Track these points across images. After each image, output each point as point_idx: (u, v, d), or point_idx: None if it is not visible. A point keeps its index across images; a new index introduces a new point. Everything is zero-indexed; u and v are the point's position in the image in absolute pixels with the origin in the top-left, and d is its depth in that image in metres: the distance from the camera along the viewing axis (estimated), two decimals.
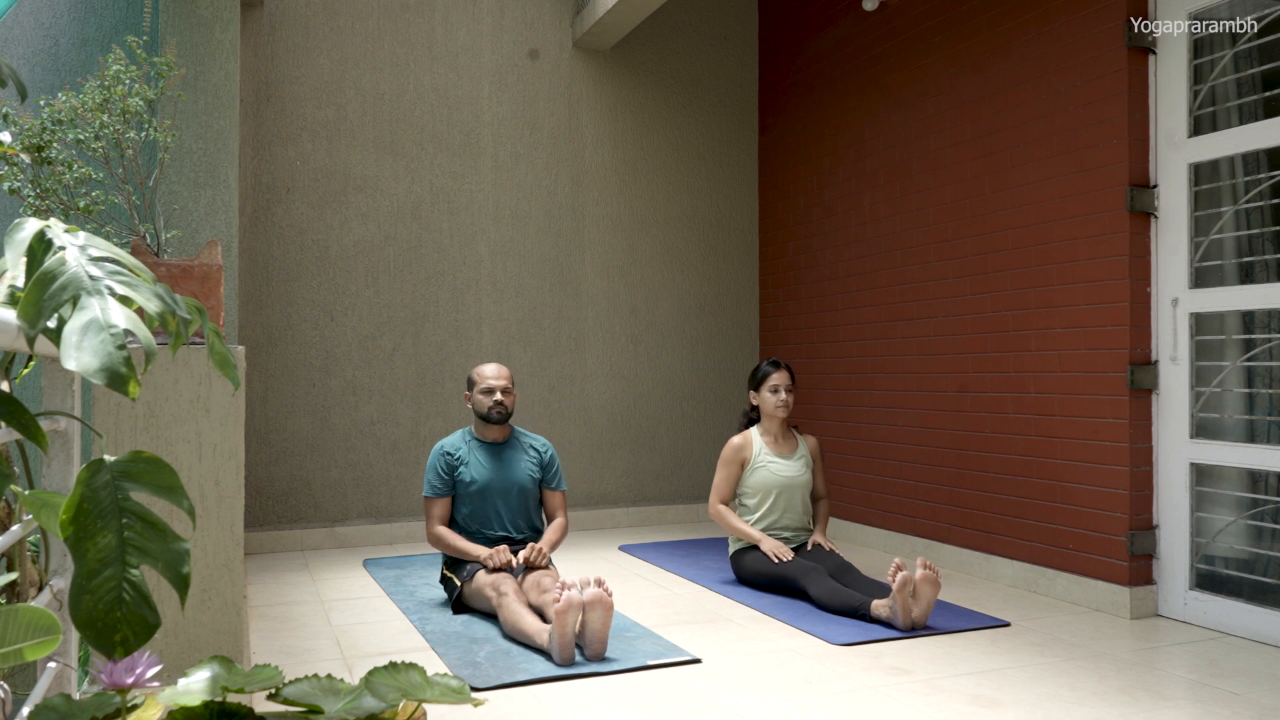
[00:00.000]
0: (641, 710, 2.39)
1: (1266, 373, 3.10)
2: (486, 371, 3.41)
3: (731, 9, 5.49)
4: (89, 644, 0.89)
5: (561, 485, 3.49)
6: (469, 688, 1.43)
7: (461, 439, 3.46)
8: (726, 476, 3.77)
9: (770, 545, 3.58)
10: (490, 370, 3.41)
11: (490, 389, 3.37)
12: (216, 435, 1.97)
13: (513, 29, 4.99)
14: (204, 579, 1.96)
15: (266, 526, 4.49)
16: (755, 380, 3.80)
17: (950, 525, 4.03)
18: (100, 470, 0.93)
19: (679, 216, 5.35)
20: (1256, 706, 2.42)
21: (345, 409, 4.63)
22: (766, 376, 3.76)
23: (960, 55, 4.01)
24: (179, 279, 2.11)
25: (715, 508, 3.76)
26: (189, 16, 3.16)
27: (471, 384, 3.43)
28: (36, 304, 0.87)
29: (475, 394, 3.41)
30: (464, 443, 3.44)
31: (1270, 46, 3.08)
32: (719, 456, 3.88)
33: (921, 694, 2.50)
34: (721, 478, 3.78)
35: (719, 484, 3.78)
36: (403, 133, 4.76)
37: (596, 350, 5.14)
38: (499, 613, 2.99)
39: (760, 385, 3.77)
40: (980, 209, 3.90)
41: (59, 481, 1.31)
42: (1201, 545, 3.21)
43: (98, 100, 2.23)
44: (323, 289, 4.61)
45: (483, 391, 3.38)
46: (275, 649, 2.91)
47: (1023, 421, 3.68)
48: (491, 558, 3.17)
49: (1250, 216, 3.15)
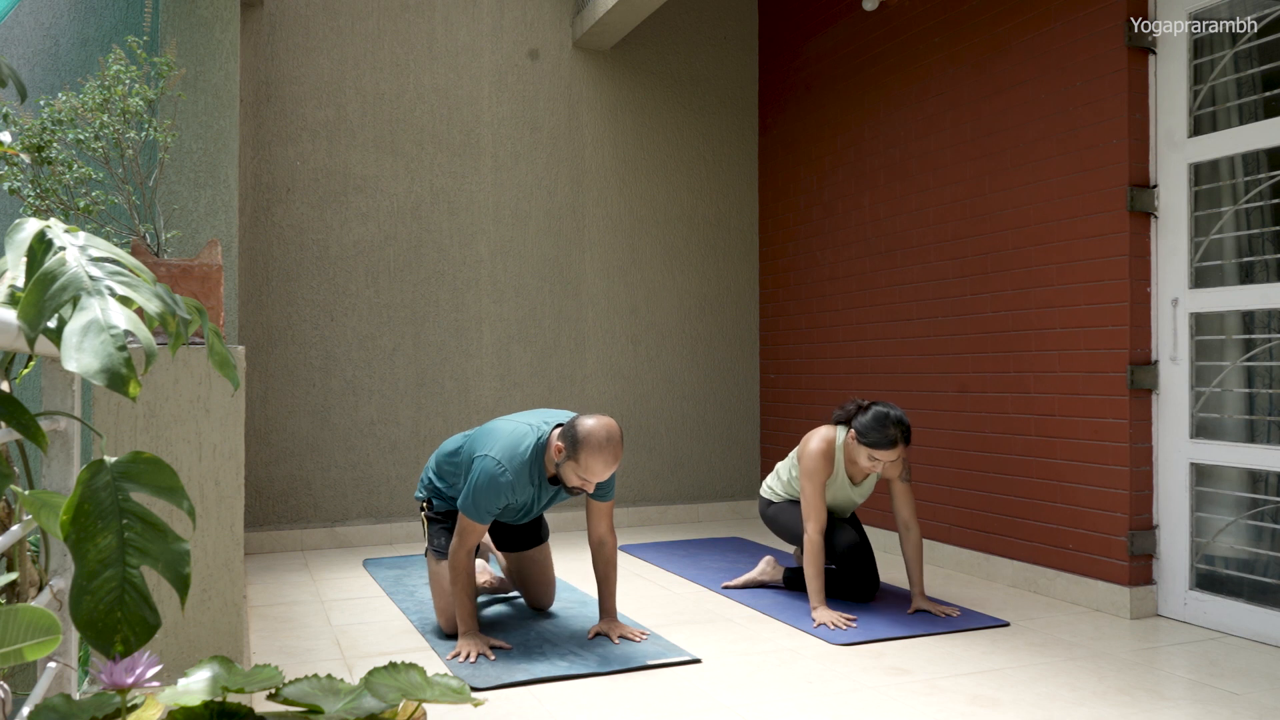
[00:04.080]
0: (641, 710, 2.39)
1: (1266, 373, 3.10)
2: (595, 467, 2.72)
3: (731, 9, 5.49)
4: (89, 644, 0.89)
5: (610, 495, 3.00)
6: (469, 688, 1.44)
7: (530, 479, 2.88)
8: (818, 492, 3.28)
9: (828, 617, 3.15)
10: (600, 467, 2.73)
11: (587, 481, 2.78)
12: (216, 435, 1.97)
13: (513, 29, 4.99)
14: (204, 579, 1.96)
15: (266, 526, 4.49)
16: (865, 433, 3.18)
17: (950, 525, 4.03)
18: (100, 471, 0.93)
19: (679, 216, 5.35)
20: (1256, 706, 2.42)
21: (345, 409, 4.63)
22: (877, 446, 3.16)
23: (960, 55, 4.01)
24: (179, 279, 2.11)
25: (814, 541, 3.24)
26: (189, 16, 3.16)
27: (575, 450, 2.74)
28: (37, 304, 0.87)
29: (572, 464, 2.75)
30: (532, 484, 2.90)
31: (1270, 46, 3.08)
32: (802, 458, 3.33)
33: (921, 694, 2.51)
34: (816, 497, 3.28)
35: (816, 506, 3.27)
36: (403, 133, 4.76)
37: (596, 350, 5.14)
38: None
39: (865, 438, 3.18)
40: (980, 209, 3.90)
41: (59, 481, 1.31)
42: (1201, 545, 3.21)
43: (98, 100, 2.23)
44: (323, 289, 4.61)
45: (580, 476, 2.76)
46: (275, 649, 2.91)
47: (1023, 421, 3.68)
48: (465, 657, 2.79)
49: (1250, 216, 3.15)
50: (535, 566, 3.29)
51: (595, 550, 3.01)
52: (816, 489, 3.28)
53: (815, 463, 3.30)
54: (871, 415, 3.20)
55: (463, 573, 2.84)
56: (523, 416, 2.98)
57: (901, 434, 3.15)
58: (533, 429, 2.89)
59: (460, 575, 2.84)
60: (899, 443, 3.15)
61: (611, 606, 3.03)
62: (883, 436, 3.15)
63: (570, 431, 2.76)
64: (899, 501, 3.33)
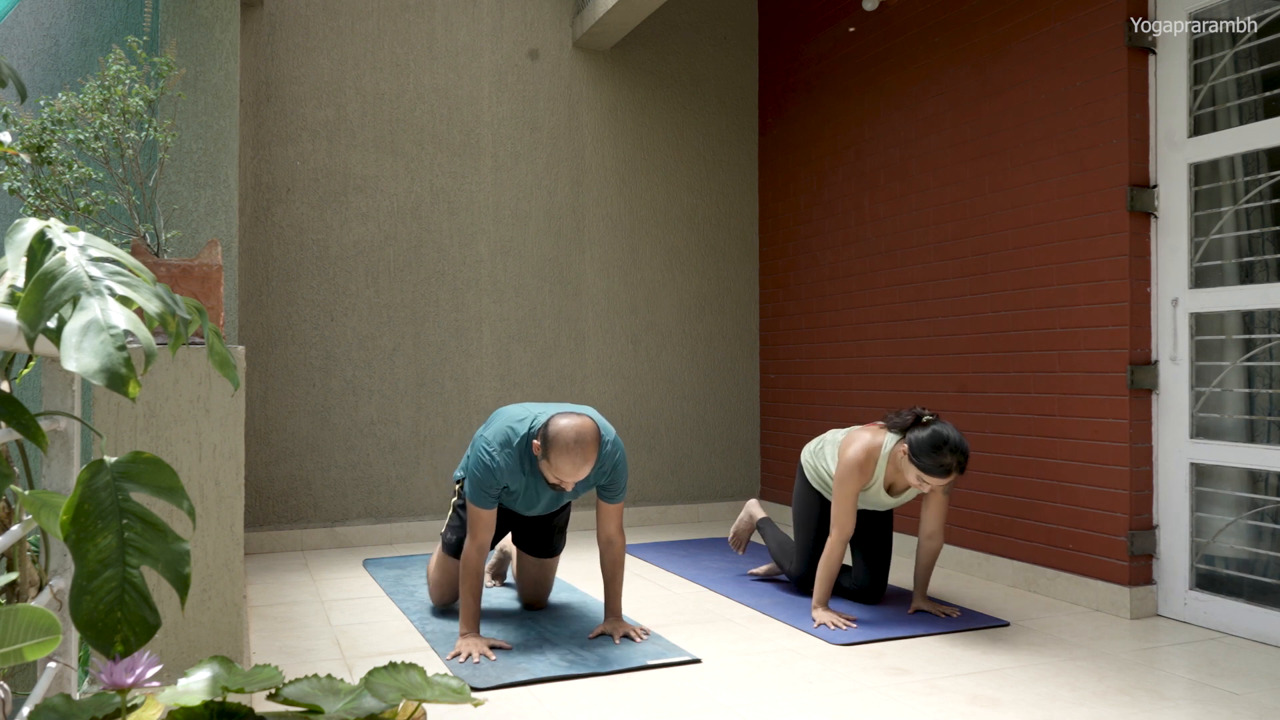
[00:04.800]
0: (641, 710, 2.39)
1: (1266, 373, 3.10)
2: (563, 468, 2.70)
3: (731, 9, 5.49)
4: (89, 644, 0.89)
5: (619, 497, 2.95)
6: (469, 688, 1.44)
7: (521, 467, 2.87)
8: (850, 499, 3.12)
9: (827, 617, 3.12)
10: (568, 468, 2.70)
11: (561, 480, 2.76)
12: (216, 435, 1.97)
13: (513, 29, 4.99)
14: (204, 579, 1.96)
15: (266, 526, 4.49)
16: (919, 454, 2.97)
17: (950, 525, 4.03)
18: (100, 471, 0.93)
19: (679, 216, 5.35)
20: (1256, 706, 2.42)
21: (345, 409, 4.63)
22: (929, 473, 2.96)
23: (960, 55, 4.01)
24: (179, 279, 2.11)
25: (836, 549, 3.13)
26: (189, 16, 3.16)
27: (546, 449, 2.73)
28: (37, 304, 0.87)
29: (546, 463, 2.75)
30: (524, 473, 2.89)
31: (1270, 46, 3.08)
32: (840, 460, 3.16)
33: (921, 694, 2.51)
34: (848, 503, 3.12)
35: (846, 512, 3.12)
36: (403, 133, 4.76)
37: (596, 350, 5.14)
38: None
39: (918, 460, 2.97)
40: (980, 209, 3.90)
41: (59, 481, 1.31)
42: (1201, 545, 3.21)
43: (98, 100, 2.23)
44: (323, 289, 4.61)
45: (553, 475, 2.76)
46: (275, 649, 2.91)
47: (1023, 421, 3.68)
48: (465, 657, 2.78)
49: (1250, 216, 3.15)
50: (539, 570, 3.34)
51: (603, 550, 3.00)
52: (849, 495, 3.12)
53: (851, 471, 3.12)
54: (929, 435, 2.96)
55: (472, 573, 2.84)
56: (534, 407, 2.97)
57: (957, 464, 2.92)
58: (529, 420, 2.89)
59: (470, 575, 2.84)
60: (953, 473, 2.94)
61: (617, 607, 3.03)
62: (935, 464, 2.93)
63: (544, 430, 2.75)
64: (931, 511, 3.21)
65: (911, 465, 3.00)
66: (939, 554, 3.22)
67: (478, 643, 2.83)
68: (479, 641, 2.84)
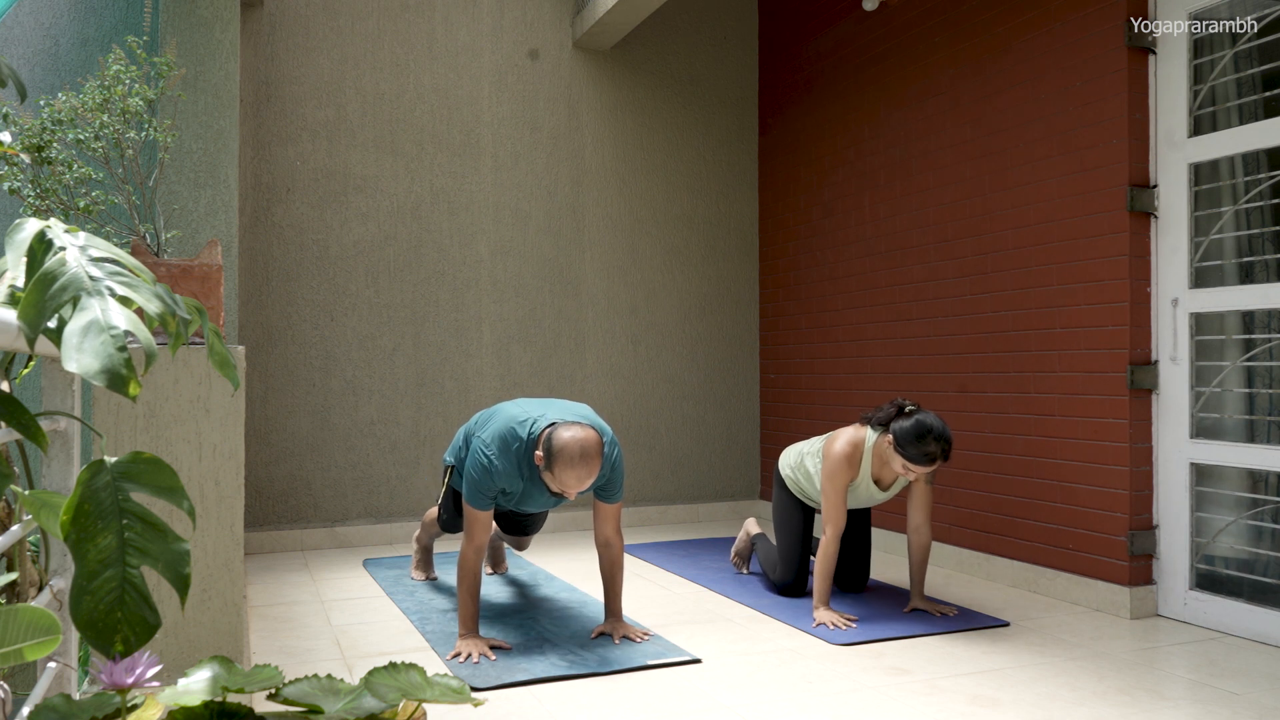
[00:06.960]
0: (641, 710, 2.39)
1: (1266, 373, 3.10)
2: (568, 481, 2.72)
3: (731, 9, 5.49)
4: (89, 644, 0.89)
5: (616, 497, 2.96)
6: (469, 688, 1.44)
7: (520, 472, 2.87)
8: (840, 495, 3.16)
9: (827, 616, 3.12)
10: (574, 482, 2.72)
11: (565, 490, 2.77)
12: (216, 435, 1.97)
13: (513, 29, 4.99)
14: (204, 579, 1.96)
15: (266, 526, 4.49)
16: (904, 444, 3.02)
17: (950, 525, 4.03)
18: (100, 471, 0.93)
19: (679, 216, 5.35)
20: (1256, 706, 2.42)
21: (345, 409, 4.63)
22: (914, 461, 3.01)
23: (960, 55, 4.01)
24: (179, 279, 2.11)
25: (830, 546, 3.16)
26: (189, 16, 3.16)
27: (550, 462, 2.72)
28: (37, 305, 0.87)
29: (549, 475, 2.76)
30: (522, 478, 2.89)
31: (1270, 46, 3.08)
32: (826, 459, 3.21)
33: (921, 694, 2.51)
34: (837, 499, 3.17)
35: (837, 509, 3.17)
36: (403, 133, 4.76)
37: (596, 350, 5.14)
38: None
39: (903, 450, 3.02)
40: (980, 209, 3.90)
41: (59, 481, 1.31)
42: (1201, 545, 3.21)
43: (98, 100, 2.23)
44: (323, 289, 4.61)
45: (557, 486, 2.76)
46: (275, 649, 2.91)
47: (1023, 421, 3.68)
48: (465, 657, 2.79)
49: (1250, 216, 3.15)
50: (517, 543, 3.67)
51: (601, 552, 3.00)
52: (838, 491, 3.17)
53: (838, 466, 3.17)
54: (913, 425, 3.01)
55: (470, 574, 2.86)
56: (531, 407, 2.94)
57: (941, 451, 2.98)
58: (529, 423, 2.87)
59: (468, 576, 2.86)
60: (938, 460, 3.00)
61: (617, 607, 3.03)
62: (920, 452, 2.99)
63: (548, 442, 2.75)
64: (916, 503, 3.25)
65: (897, 455, 3.06)
66: (930, 547, 3.27)
67: (478, 643, 2.83)
68: (479, 641, 2.84)
